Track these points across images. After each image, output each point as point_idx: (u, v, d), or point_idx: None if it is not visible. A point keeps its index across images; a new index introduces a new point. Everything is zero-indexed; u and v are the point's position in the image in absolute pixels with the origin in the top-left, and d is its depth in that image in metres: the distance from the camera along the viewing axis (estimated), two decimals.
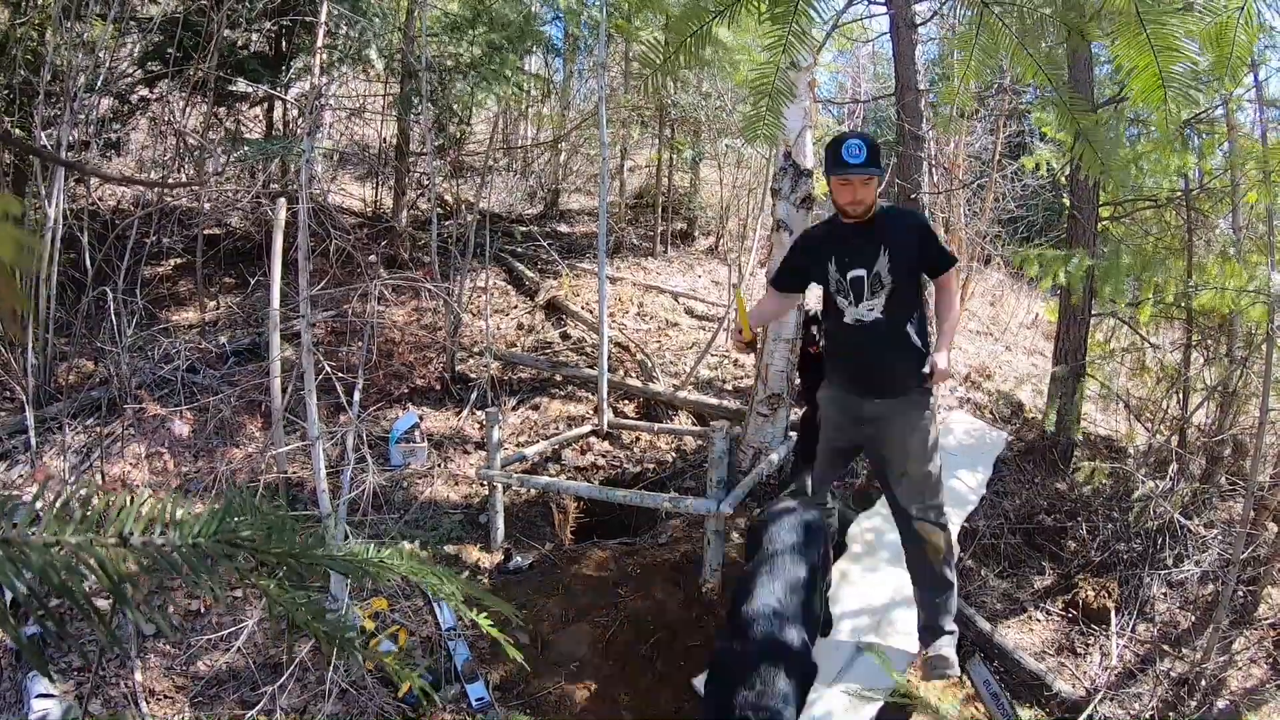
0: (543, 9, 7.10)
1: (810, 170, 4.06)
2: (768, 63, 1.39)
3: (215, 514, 0.64)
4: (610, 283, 7.05)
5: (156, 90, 5.94)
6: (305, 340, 2.73)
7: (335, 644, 0.64)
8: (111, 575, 0.61)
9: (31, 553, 0.62)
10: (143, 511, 0.66)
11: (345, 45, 5.85)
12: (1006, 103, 6.21)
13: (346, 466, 2.76)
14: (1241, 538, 2.93)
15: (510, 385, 5.39)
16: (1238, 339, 3.92)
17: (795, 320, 4.17)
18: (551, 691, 2.78)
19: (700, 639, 2.96)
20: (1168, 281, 3.47)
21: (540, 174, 9.78)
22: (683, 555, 3.45)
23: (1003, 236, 7.04)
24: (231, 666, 2.68)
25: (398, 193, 7.22)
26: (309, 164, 3.29)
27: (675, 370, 5.81)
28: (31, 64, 4.78)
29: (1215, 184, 3.96)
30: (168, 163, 6.12)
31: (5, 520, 0.64)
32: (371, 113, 7.55)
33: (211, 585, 0.61)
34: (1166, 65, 1.29)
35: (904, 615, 2.94)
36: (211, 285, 5.86)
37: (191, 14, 5.40)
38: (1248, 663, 3.06)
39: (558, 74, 10.16)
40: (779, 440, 4.24)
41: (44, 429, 3.94)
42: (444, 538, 3.74)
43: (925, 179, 5.50)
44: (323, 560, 0.63)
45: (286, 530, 0.64)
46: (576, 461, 4.69)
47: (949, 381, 5.51)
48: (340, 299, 5.21)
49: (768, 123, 1.43)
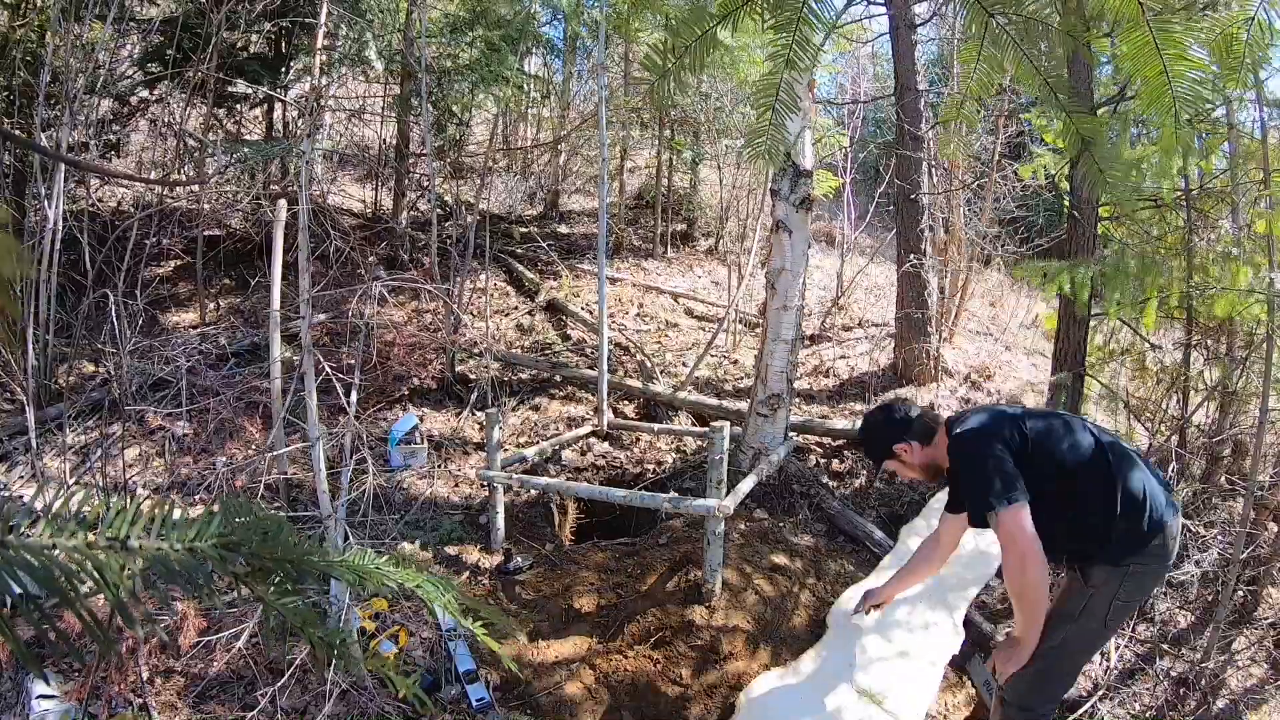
0: (542, 9, 7.09)
1: (809, 171, 4.05)
2: (770, 74, 1.39)
3: (212, 518, 0.64)
4: (610, 283, 7.05)
5: (156, 92, 5.95)
6: (305, 341, 2.73)
7: (330, 650, 0.64)
8: (109, 579, 0.61)
9: (29, 555, 0.62)
10: (141, 514, 0.66)
11: (345, 46, 5.86)
12: (1006, 103, 6.20)
13: (346, 468, 2.76)
14: (1241, 538, 2.93)
15: (510, 386, 5.39)
16: (1238, 339, 3.92)
17: (794, 321, 4.17)
18: (551, 692, 2.78)
19: (701, 639, 2.96)
20: (1171, 284, 3.47)
21: (540, 175, 9.79)
22: (683, 555, 3.45)
23: (1003, 237, 7.04)
24: (232, 668, 2.68)
25: (397, 194, 7.23)
26: (309, 165, 3.29)
27: (675, 371, 5.81)
28: (31, 66, 4.79)
29: (1216, 184, 3.96)
30: (168, 164, 6.13)
31: (4, 522, 0.64)
32: (371, 114, 7.55)
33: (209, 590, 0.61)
34: (1175, 73, 1.28)
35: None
36: (211, 286, 5.87)
37: (191, 15, 5.41)
38: (1248, 662, 3.06)
39: (557, 75, 10.16)
40: (779, 440, 4.24)
41: (44, 430, 3.94)
42: (444, 538, 3.74)
43: (925, 179, 5.52)
44: (319, 565, 0.63)
45: (283, 534, 0.64)
46: (576, 462, 4.69)
47: (949, 381, 5.51)
48: (340, 300, 5.21)
49: (773, 137, 1.43)
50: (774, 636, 3.03)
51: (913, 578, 2.49)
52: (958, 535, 2.37)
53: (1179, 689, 2.89)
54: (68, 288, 4.66)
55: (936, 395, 5.26)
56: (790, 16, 1.30)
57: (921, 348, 5.41)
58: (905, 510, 4.12)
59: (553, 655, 2.95)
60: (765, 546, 3.56)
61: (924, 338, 5.40)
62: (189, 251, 5.48)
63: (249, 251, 6.03)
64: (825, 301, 7.53)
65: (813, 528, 3.90)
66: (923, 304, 5.36)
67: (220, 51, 5.22)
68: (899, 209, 5.60)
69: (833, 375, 5.85)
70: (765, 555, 3.48)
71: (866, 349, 6.19)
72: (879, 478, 2.37)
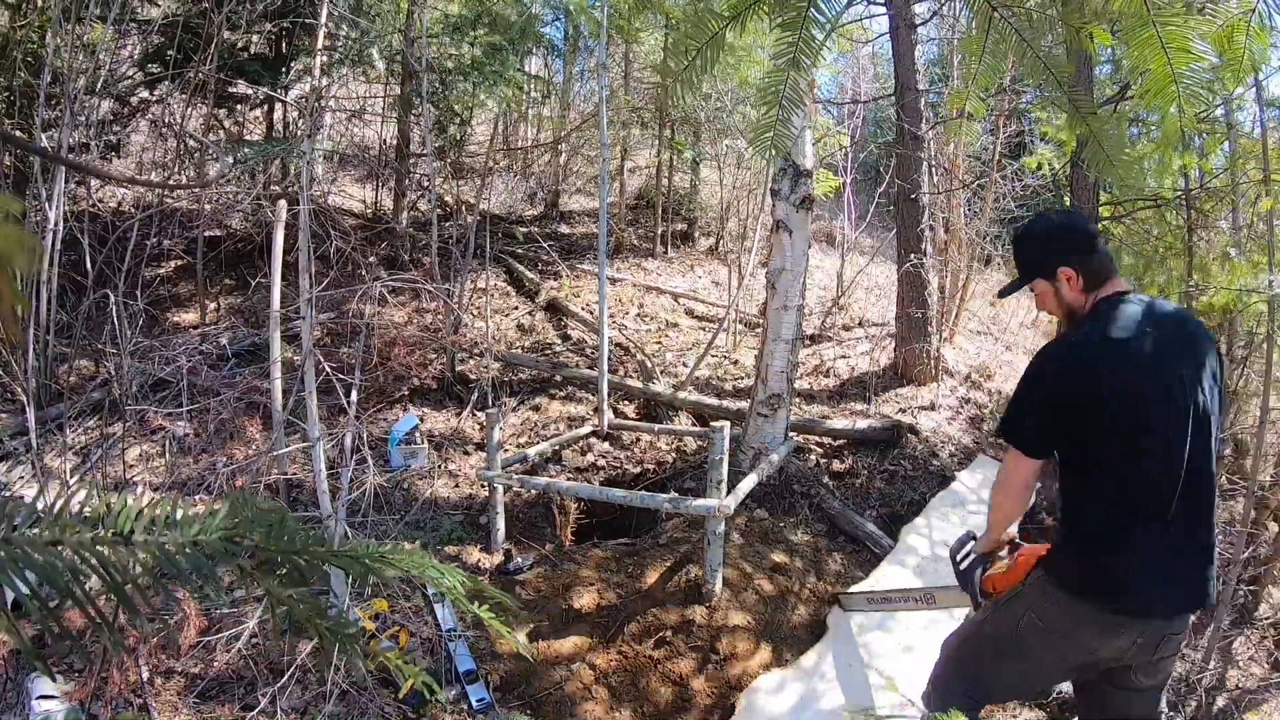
0: (543, 10, 7.10)
1: (810, 171, 4.06)
2: (776, 71, 1.39)
3: (217, 513, 0.64)
4: (610, 284, 7.05)
5: (157, 92, 5.95)
6: (306, 341, 2.74)
7: (337, 642, 0.64)
8: (114, 576, 0.61)
9: (33, 553, 0.62)
10: (144, 511, 0.66)
11: (346, 46, 5.86)
12: (1006, 103, 6.21)
13: (346, 468, 2.76)
14: (1241, 538, 2.93)
15: (510, 386, 5.40)
16: (1238, 339, 3.93)
17: (795, 321, 4.17)
18: (552, 692, 2.78)
19: (701, 639, 2.96)
20: (1170, 282, 3.47)
21: (540, 175, 9.79)
22: (683, 555, 3.45)
23: (1003, 236, 7.04)
24: (232, 668, 2.68)
25: (398, 194, 7.23)
26: (309, 165, 3.30)
27: (675, 371, 5.81)
28: (31, 66, 4.79)
29: (1216, 183, 3.96)
30: (168, 164, 6.13)
31: (6, 520, 0.64)
32: (372, 114, 7.56)
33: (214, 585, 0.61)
34: (1178, 65, 1.28)
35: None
36: (212, 287, 5.87)
37: (191, 16, 5.41)
38: (1248, 662, 3.06)
39: (558, 75, 10.17)
40: (779, 440, 4.25)
41: (45, 430, 3.94)
42: (444, 539, 3.74)
43: (925, 179, 5.52)
44: (325, 557, 0.63)
45: (289, 528, 0.64)
46: (577, 462, 4.69)
47: (949, 381, 5.51)
48: (341, 300, 5.21)
49: (779, 133, 1.43)
50: (774, 636, 3.03)
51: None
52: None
53: (1179, 689, 2.89)
54: (68, 288, 4.66)
55: (937, 395, 5.27)
56: (796, 16, 1.30)
57: (922, 347, 5.41)
58: (905, 510, 4.12)
59: (553, 655, 2.95)
60: (765, 546, 3.57)
61: (924, 337, 5.41)
62: (189, 252, 5.49)
63: (249, 252, 6.03)
64: (825, 301, 7.53)
65: (813, 527, 3.90)
66: (923, 304, 5.36)
67: (221, 52, 5.23)
68: (899, 209, 5.61)
69: (833, 375, 5.85)
70: (765, 555, 3.48)
71: (867, 349, 6.20)
72: (1011, 291, 1.88)
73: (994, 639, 1.83)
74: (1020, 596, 1.77)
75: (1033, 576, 1.75)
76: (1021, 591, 1.77)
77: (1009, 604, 1.79)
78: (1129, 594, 1.59)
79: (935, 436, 4.82)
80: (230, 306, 5.84)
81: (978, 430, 5.02)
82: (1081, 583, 1.64)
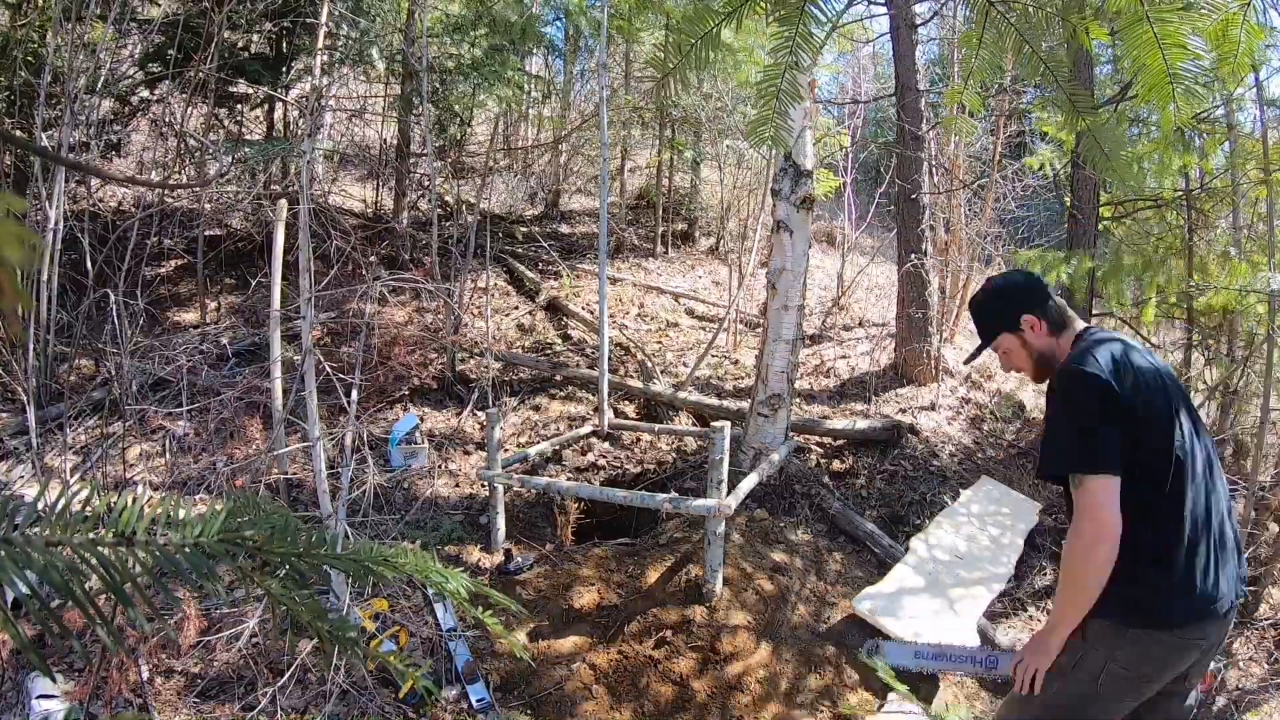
0: (543, 10, 7.10)
1: (810, 171, 4.06)
2: (773, 65, 1.39)
3: (218, 514, 0.64)
4: (611, 283, 7.05)
5: (157, 92, 5.95)
6: (306, 341, 2.74)
7: (337, 643, 0.64)
8: (114, 575, 0.61)
9: (34, 552, 0.62)
10: (145, 511, 0.66)
11: (346, 46, 5.86)
12: (1006, 103, 6.21)
13: (346, 467, 2.76)
14: (1243, 538, 2.93)
15: (511, 385, 5.40)
16: (1238, 339, 3.93)
17: (795, 321, 4.17)
18: (552, 691, 2.78)
19: (701, 639, 2.96)
20: (1170, 282, 3.48)
21: (541, 175, 9.79)
22: (683, 555, 3.45)
23: (1003, 236, 7.05)
24: (232, 667, 2.68)
25: (398, 194, 7.23)
26: (309, 165, 3.29)
27: (675, 371, 5.81)
28: (32, 66, 4.79)
29: (1216, 184, 3.96)
30: (168, 164, 6.13)
31: (7, 520, 0.65)
32: (372, 114, 7.56)
33: (215, 586, 0.61)
34: (1174, 61, 1.28)
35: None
36: (212, 286, 5.87)
37: (192, 15, 5.41)
38: (1248, 663, 3.06)
39: (558, 75, 10.17)
40: (779, 440, 4.25)
41: (46, 430, 3.94)
42: (444, 538, 3.74)
43: (926, 179, 5.52)
44: (327, 559, 0.63)
45: (290, 529, 0.64)
46: (577, 462, 4.69)
47: (950, 381, 5.51)
48: (341, 300, 5.21)
49: (775, 125, 1.43)
50: (774, 635, 3.03)
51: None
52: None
53: None
54: (69, 287, 4.66)
55: (937, 395, 5.27)
56: (793, 10, 1.31)
57: (922, 347, 5.41)
58: (905, 510, 4.12)
59: (553, 654, 2.95)
60: (765, 546, 3.57)
61: (925, 337, 5.41)
62: (190, 251, 5.49)
63: (250, 251, 6.03)
64: (826, 301, 7.53)
65: (813, 527, 3.90)
66: (923, 304, 5.36)
67: (221, 51, 5.22)
68: (899, 209, 5.61)
69: (833, 375, 5.85)
70: (765, 555, 3.48)
71: (867, 349, 6.20)
72: (976, 356, 1.89)
73: (1069, 707, 1.67)
74: (1089, 653, 1.63)
75: (1094, 628, 1.61)
76: (1085, 648, 1.63)
77: (1078, 667, 1.64)
78: (1203, 600, 1.56)
79: (935, 436, 4.82)
80: (230, 306, 5.84)
81: (978, 430, 5.02)
82: (1159, 609, 1.57)
